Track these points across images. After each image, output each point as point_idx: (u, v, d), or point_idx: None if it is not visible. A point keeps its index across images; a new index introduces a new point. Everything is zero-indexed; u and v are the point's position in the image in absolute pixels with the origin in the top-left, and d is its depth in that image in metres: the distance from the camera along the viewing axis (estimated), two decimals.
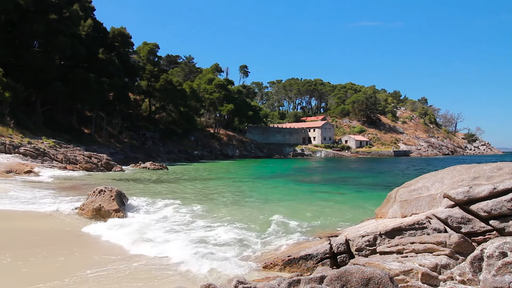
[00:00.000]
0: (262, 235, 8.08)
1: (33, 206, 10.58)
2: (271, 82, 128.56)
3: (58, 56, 38.35)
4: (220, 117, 76.23)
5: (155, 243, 7.06)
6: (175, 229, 8.43)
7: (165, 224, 8.92)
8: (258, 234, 8.15)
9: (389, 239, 5.40)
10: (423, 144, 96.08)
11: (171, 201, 12.39)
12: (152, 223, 9.01)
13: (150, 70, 56.12)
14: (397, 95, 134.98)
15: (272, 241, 7.54)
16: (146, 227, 8.50)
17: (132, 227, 8.28)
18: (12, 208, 10.12)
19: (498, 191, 5.03)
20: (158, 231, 8.13)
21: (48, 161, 24.24)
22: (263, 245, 7.24)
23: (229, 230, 8.40)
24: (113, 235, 7.59)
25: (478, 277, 4.01)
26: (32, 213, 9.74)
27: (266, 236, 7.96)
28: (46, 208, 10.30)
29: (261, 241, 7.55)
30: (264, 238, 7.80)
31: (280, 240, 7.59)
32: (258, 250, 6.91)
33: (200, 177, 24.70)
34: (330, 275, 3.51)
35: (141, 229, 8.20)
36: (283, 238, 7.81)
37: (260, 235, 8.07)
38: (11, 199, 11.50)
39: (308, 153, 78.19)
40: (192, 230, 8.36)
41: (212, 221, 9.53)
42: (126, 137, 47.99)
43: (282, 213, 11.04)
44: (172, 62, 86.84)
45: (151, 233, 7.82)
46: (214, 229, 8.48)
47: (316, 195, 15.94)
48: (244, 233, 8.20)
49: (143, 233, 7.85)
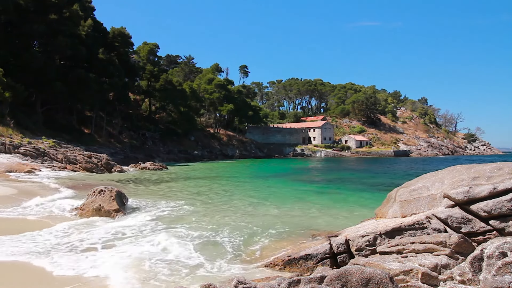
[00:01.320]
0: (262, 235, 8.08)
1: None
2: (271, 82, 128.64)
3: (58, 56, 38.34)
4: (220, 117, 76.21)
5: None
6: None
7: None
8: (258, 234, 8.15)
9: (389, 239, 5.40)
10: (423, 144, 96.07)
11: (172, 202, 12.40)
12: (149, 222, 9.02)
13: (150, 70, 56.12)
14: (397, 95, 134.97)
15: (272, 241, 7.54)
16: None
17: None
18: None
19: (498, 191, 5.03)
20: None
21: (48, 161, 24.24)
22: (263, 245, 7.24)
23: (230, 230, 8.40)
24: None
25: (478, 277, 4.01)
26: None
27: (265, 236, 7.96)
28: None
29: (261, 241, 7.55)
30: (264, 238, 7.80)
31: (280, 240, 7.59)
32: (258, 250, 6.91)
33: (200, 177, 24.69)
34: (330, 275, 3.51)
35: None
36: (283, 238, 7.81)
37: (260, 235, 8.07)
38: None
39: (308, 153, 78.17)
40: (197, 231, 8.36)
41: (214, 221, 9.54)
42: (126, 137, 47.98)
43: (282, 213, 11.05)
44: (172, 62, 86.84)
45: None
46: (217, 229, 8.48)
47: (316, 195, 15.94)
48: (243, 233, 8.20)
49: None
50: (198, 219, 9.78)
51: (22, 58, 32.82)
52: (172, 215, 10.18)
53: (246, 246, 7.18)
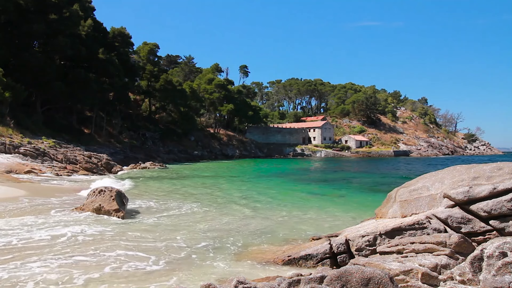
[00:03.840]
0: (262, 235, 8.08)
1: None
2: (271, 82, 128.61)
3: (58, 56, 38.32)
4: (220, 117, 76.20)
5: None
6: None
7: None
8: (258, 234, 8.15)
9: (389, 239, 5.40)
10: (423, 144, 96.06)
11: (172, 202, 12.40)
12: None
13: (150, 70, 56.11)
14: (397, 95, 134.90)
15: (272, 241, 7.54)
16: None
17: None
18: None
19: (498, 191, 5.03)
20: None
21: (48, 161, 24.22)
22: (263, 245, 7.24)
23: (229, 230, 8.40)
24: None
25: (478, 277, 4.01)
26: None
27: (265, 236, 7.96)
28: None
29: (261, 241, 7.55)
30: (264, 238, 7.80)
31: (280, 240, 7.60)
32: (258, 250, 6.91)
33: (200, 177, 24.70)
34: (330, 275, 3.51)
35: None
36: (283, 238, 7.81)
37: (260, 235, 8.08)
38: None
39: (308, 153, 78.17)
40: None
41: (214, 221, 9.54)
42: (126, 137, 47.97)
43: (282, 213, 11.05)
44: (172, 62, 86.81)
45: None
46: (217, 229, 8.48)
47: (316, 195, 15.94)
48: (243, 233, 8.20)
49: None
50: (198, 219, 9.78)
51: (22, 58, 32.81)
52: (172, 216, 10.18)
53: (246, 246, 7.18)
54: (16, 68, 32.63)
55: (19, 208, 10.02)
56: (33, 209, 9.89)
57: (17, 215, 9.06)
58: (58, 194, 13.15)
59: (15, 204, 10.45)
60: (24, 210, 9.72)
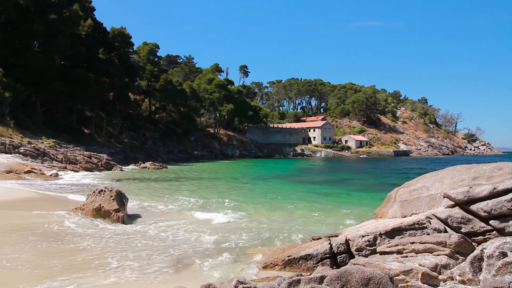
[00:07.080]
0: (262, 235, 8.08)
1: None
2: (271, 82, 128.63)
3: (58, 56, 38.33)
4: (220, 117, 76.19)
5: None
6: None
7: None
8: (258, 235, 8.15)
9: (389, 239, 5.40)
10: (423, 144, 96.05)
11: (172, 203, 12.40)
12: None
13: (150, 70, 56.09)
14: (397, 95, 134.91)
15: (272, 242, 7.54)
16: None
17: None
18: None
19: (498, 191, 5.03)
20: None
21: (48, 161, 24.23)
22: (263, 246, 7.24)
23: (230, 231, 8.40)
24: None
25: (478, 277, 4.01)
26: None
27: (265, 237, 7.96)
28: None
29: (261, 242, 7.55)
30: (264, 239, 7.80)
31: (280, 241, 7.60)
32: (258, 250, 6.91)
33: (200, 177, 24.69)
34: (330, 275, 3.51)
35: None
36: (283, 238, 7.81)
37: (260, 235, 8.08)
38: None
39: (308, 153, 78.16)
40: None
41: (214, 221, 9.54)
42: (126, 137, 47.96)
43: (282, 214, 11.05)
44: (172, 62, 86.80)
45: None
46: (217, 230, 8.48)
47: (316, 195, 15.93)
48: (243, 234, 8.20)
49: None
50: (198, 219, 9.78)
51: (22, 58, 32.82)
52: (172, 216, 10.18)
53: (246, 246, 7.18)
54: (16, 68, 32.62)
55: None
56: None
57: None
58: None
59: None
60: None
